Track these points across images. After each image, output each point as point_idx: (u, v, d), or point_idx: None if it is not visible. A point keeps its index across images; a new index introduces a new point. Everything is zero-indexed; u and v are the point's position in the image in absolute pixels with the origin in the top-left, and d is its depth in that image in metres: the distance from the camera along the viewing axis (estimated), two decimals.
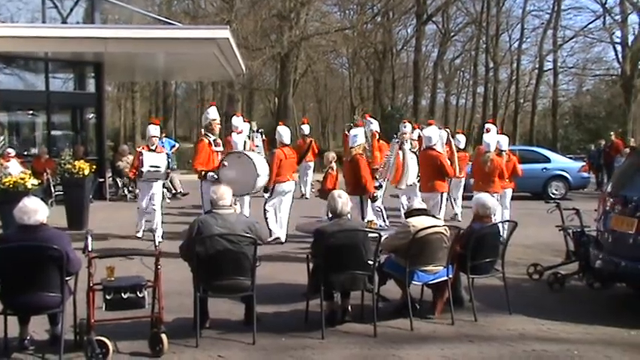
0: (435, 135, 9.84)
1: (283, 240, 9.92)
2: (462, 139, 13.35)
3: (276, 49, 32.05)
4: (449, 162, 9.87)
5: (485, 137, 10.05)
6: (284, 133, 10.61)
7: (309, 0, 32.18)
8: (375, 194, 8.95)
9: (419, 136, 11.25)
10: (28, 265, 4.77)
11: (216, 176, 8.64)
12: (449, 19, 39.82)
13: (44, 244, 4.80)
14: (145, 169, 9.97)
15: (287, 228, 10.02)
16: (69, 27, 16.07)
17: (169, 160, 10.86)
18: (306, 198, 16.11)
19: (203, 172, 8.91)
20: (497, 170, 9.73)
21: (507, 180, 10.29)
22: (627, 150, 18.45)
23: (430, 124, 10.46)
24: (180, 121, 46.44)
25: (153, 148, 10.36)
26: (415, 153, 10.73)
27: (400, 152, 10.20)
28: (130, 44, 14.70)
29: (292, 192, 10.34)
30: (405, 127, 10.97)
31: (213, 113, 9.47)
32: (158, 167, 10.13)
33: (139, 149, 10.75)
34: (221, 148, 9.46)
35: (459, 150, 12.31)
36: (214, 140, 9.28)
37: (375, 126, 11.20)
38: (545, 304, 6.73)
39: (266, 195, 10.03)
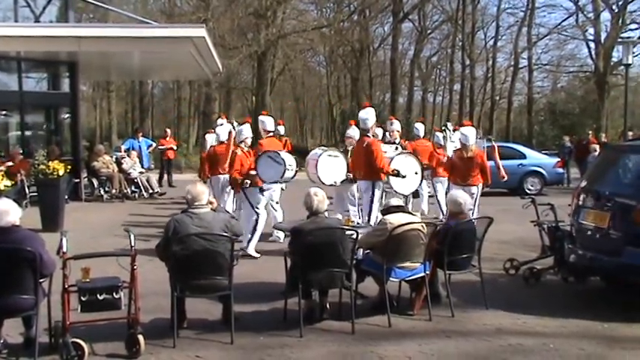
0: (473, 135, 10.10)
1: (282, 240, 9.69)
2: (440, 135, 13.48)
3: (253, 48, 31.92)
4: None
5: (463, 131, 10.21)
6: (267, 120, 10.38)
7: None
8: (395, 170, 8.94)
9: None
10: (0, 267, 4.70)
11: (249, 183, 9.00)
12: (425, 17, 39.95)
13: (17, 245, 4.74)
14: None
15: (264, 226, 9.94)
16: (42, 26, 15.84)
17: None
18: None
19: (240, 180, 9.12)
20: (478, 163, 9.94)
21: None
22: (595, 146, 18.75)
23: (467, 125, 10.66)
24: (157, 121, 45.98)
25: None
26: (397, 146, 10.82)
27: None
28: (105, 43, 14.54)
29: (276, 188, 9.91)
30: (391, 124, 11.18)
31: (247, 131, 9.66)
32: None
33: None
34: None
35: (440, 146, 12.60)
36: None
37: (396, 125, 11.64)
38: (521, 299, 6.80)
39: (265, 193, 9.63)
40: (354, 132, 10.42)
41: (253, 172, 9.01)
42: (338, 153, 10.08)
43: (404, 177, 9.03)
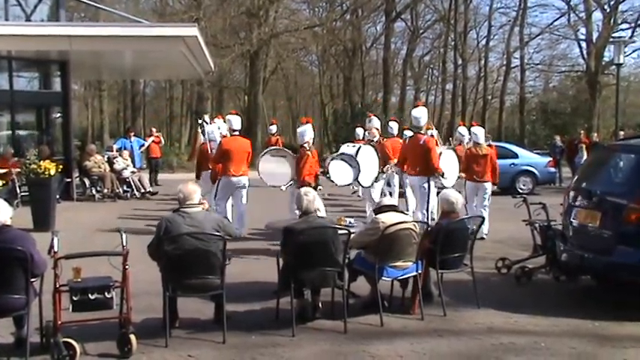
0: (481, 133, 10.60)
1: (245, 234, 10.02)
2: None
3: (246, 47, 31.88)
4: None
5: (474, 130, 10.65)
6: (234, 119, 10.40)
7: None
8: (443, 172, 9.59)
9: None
10: None
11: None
12: (417, 17, 40.01)
13: (7, 245, 4.72)
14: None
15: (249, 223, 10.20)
16: (33, 25, 15.78)
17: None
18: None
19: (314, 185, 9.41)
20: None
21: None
22: (583, 145, 18.84)
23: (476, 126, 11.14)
24: (149, 120, 45.83)
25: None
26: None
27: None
28: (96, 42, 14.47)
29: (245, 186, 10.10)
30: (369, 121, 11.26)
31: (310, 132, 9.87)
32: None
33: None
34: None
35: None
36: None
37: (375, 123, 11.83)
38: (513, 298, 6.82)
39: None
40: (376, 123, 11.16)
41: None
42: (284, 154, 10.15)
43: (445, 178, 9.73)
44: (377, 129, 11.66)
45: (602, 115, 39.45)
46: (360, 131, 17.21)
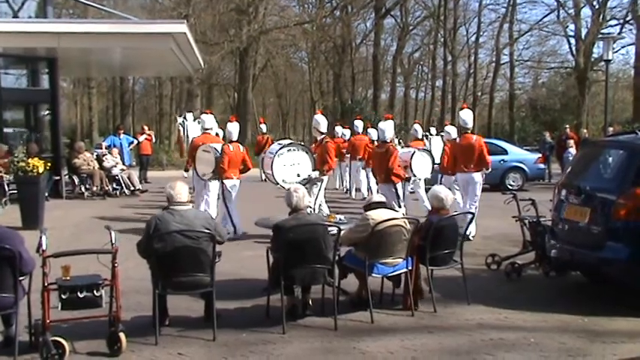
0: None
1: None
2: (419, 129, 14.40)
3: (235, 44, 31.85)
4: None
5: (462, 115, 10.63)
6: (207, 118, 11.00)
7: None
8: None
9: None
10: None
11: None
12: (407, 13, 40.09)
13: None
14: None
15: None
16: (20, 22, 15.67)
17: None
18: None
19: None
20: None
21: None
22: (571, 141, 18.91)
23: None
24: (138, 117, 45.70)
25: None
26: None
27: None
28: (84, 39, 14.40)
29: (236, 188, 10.40)
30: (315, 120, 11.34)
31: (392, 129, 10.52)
32: None
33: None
34: None
35: (416, 139, 13.75)
36: None
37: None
38: (502, 294, 6.84)
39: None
40: (319, 123, 10.97)
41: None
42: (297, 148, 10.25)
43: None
44: (316, 129, 11.10)
45: (591, 112, 39.67)
46: (340, 129, 17.49)
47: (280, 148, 9.96)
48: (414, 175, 11.67)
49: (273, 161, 9.79)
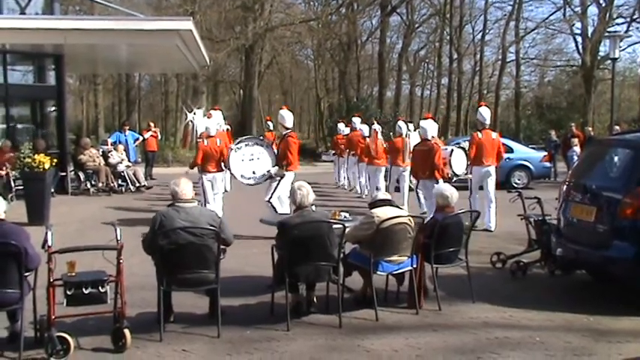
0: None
1: None
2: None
3: (241, 41, 31.83)
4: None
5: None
6: (286, 116, 10.45)
7: None
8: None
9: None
10: None
11: None
12: (413, 11, 39.93)
13: (1, 239, 4.70)
14: None
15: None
16: (27, 18, 15.70)
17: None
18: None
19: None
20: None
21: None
22: (575, 140, 18.86)
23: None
24: (144, 114, 45.72)
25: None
26: None
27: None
28: (91, 36, 14.42)
29: (217, 180, 10.64)
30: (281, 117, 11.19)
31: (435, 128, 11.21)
32: None
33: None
34: None
35: (364, 137, 15.28)
36: None
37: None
38: (507, 292, 6.83)
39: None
40: (284, 118, 10.58)
41: None
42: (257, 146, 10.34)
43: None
44: (281, 124, 10.57)
45: (597, 110, 39.52)
46: (341, 126, 17.55)
47: (237, 143, 10.16)
48: (453, 172, 11.78)
49: (229, 156, 10.02)
